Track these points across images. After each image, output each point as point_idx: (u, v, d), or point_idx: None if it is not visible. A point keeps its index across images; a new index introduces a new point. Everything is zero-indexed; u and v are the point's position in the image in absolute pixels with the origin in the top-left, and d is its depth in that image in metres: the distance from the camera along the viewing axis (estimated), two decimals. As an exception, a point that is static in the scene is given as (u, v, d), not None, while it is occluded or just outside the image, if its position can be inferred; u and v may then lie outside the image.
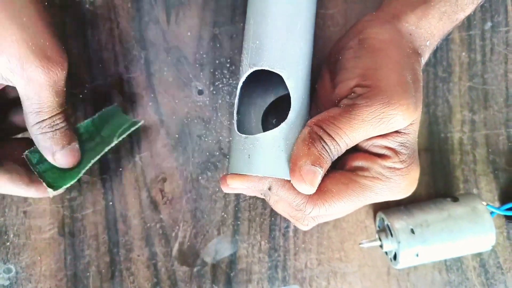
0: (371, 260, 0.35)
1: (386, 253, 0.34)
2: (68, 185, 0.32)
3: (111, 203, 0.36)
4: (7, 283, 0.35)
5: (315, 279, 0.35)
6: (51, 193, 0.32)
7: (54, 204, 0.36)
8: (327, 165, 0.28)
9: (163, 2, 0.36)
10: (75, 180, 0.32)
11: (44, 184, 0.31)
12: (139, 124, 0.34)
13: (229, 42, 0.36)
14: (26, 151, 0.31)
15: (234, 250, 0.35)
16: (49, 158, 0.31)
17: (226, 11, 0.36)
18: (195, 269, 0.35)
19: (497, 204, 0.35)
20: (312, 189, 0.27)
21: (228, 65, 0.36)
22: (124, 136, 0.33)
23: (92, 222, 0.35)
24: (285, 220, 0.36)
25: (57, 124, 0.30)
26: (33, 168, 0.32)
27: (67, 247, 0.35)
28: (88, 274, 0.35)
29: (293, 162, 0.28)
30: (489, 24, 0.37)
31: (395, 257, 0.33)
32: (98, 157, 0.32)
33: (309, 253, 0.35)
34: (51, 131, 0.30)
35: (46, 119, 0.29)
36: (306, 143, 0.28)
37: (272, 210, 0.36)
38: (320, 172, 0.27)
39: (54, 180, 0.32)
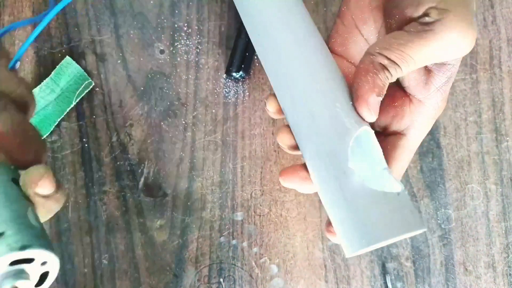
0: (306, 191, 0.42)
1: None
2: (46, 134, 0.40)
3: (86, 145, 0.42)
4: (-1, 213, 0.42)
5: (259, 207, 0.42)
6: None
7: (38, 146, 0.42)
8: (384, 92, 0.28)
9: (129, -25, 0.43)
10: (50, 130, 0.41)
11: None
12: (91, 86, 0.42)
13: (186, 8, 0.43)
14: None
15: (191, 183, 0.42)
16: None
17: (183, -18, 0.43)
18: (158, 199, 0.42)
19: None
20: (376, 116, 0.28)
21: (185, 28, 0.43)
22: (81, 97, 0.42)
23: (70, 161, 0.42)
24: (235, 158, 0.42)
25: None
26: None
27: (49, 182, 0.42)
28: (67, 204, 0.42)
29: (358, 94, 0.27)
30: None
31: None
32: (62, 115, 0.41)
33: (254, 185, 0.42)
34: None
35: None
36: (370, 74, 0.27)
37: (223, 149, 0.42)
38: (379, 101, 0.27)
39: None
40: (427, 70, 0.29)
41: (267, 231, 0.42)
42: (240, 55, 0.42)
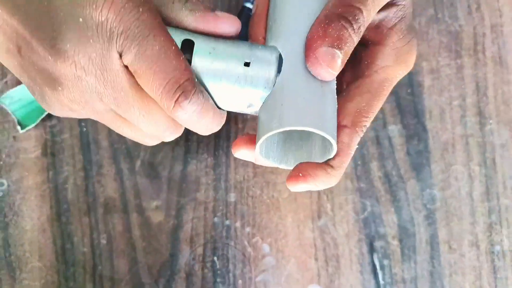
0: (296, 172, 0.44)
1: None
2: (32, 125, 0.43)
3: (85, 128, 0.44)
4: (0, 194, 0.43)
5: (251, 188, 0.43)
6: (20, 130, 0.41)
7: (37, 130, 0.44)
8: (348, 47, 0.26)
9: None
10: (38, 121, 0.43)
11: (16, 122, 0.41)
12: None
13: None
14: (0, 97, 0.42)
15: (186, 166, 0.44)
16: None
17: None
18: (153, 182, 0.43)
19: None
20: (333, 74, 0.26)
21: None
22: None
23: (69, 144, 0.44)
24: (228, 141, 0.44)
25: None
26: (7, 108, 0.41)
27: (49, 165, 0.43)
28: (66, 186, 0.43)
29: (307, 47, 0.26)
30: None
31: None
32: None
33: (247, 167, 0.44)
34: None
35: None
36: (322, 25, 0.27)
37: (216, 132, 0.44)
38: (338, 55, 0.26)
39: (22, 119, 0.42)
40: (380, 12, 0.29)
41: (259, 212, 0.43)
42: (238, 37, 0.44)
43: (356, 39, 0.27)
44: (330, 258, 0.43)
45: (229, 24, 0.27)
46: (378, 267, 0.42)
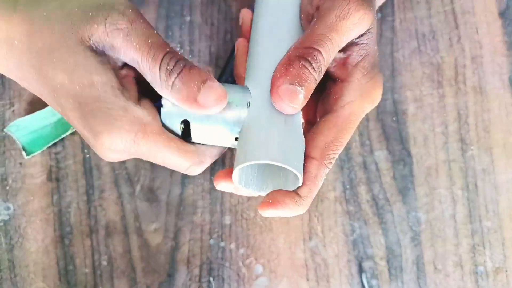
0: (288, 196, 0.46)
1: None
2: (37, 153, 0.45)
3: (87, 155, 0.46)
4: (6, 218, 0.45)
5: (245, 211, 0.46)
6: (25, 156, 0.44)
7: (43, 157, 0.46)
8: (309, 84, 0.29)
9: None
10: (44, 148, 0.45)
11: (21, 148, 0.44)
12: None
13: (179, 30, 0.47)
14: (7, 126, 0.44)
15: (183, 190, 0.46)
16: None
17: (176, 7, 0.47)
18: (153, 205, 0.46)
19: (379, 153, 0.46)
20: (295, 108, 0.29)
21: (178, 49, 0.47)
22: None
23: (73, 170, 0.46)
24: (223, 166, 0.46)
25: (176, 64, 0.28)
26: (13, 135, 0.44)
27: (53, 189, 0.46)
28: (70, 209, 0.45)
29: (272, 85, 0.29)
30: (379, 14, 0.48)
31: None
32: (56, 140, 0.46)
33: (241, 191, 0.46)
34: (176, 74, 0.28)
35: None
36: (284, 65, 0.29)
37: (212, 159, 0.46)
38: (300, 91, 0.28)
39: (27, 146, 0.44)
40: (344, 52, 0.32)
41: (253, 234, 0.45)
42: (229, 73, 0.46)
43: (317, 77, 0.29)
44: (321, 278, 0.45)
45: (213, 104, 0.29)
46: (367, 287, 0.44)
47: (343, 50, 0.32)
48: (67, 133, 0.46)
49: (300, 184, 0.30)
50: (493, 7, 0.47)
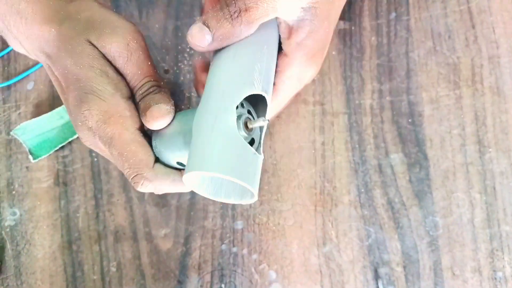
0: (301, 200, 0.45)
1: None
2: (44, 156, 0.43)
3: (95, 159, 0.45)
4: (13, 223, 0.44)
5: (258, 216, 0.45)
6: (31, 160, 0.43)
7: (50, 160, 0.45)
8: (220, 26, 0.32)
9: (136, 1, 0.46)
10: (51, 152, 0.44)
11: (27, 152, 0.43)
12: None
13: (189, 31, 0.46)
14: (13, 129, 0.43)
15: (193, 194, 0.45)
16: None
17: (186, 7, 0.46)
18: (162, 210, 0.45)
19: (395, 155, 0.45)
20: (198, 47, 0.32)
21: (188, 50, 0.46)
22: None
23: (80, 174, 0.45)
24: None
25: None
26: (19, 139, 0.43)
27: (61, 194, 0.45)
28: (78, 215, 0.44)
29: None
30: (393, 14, 0.47)
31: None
32: (63, 143, 0.44)
33: (253, 195, 0.45)
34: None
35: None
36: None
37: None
38: (208, 32, 0.32)
39: (34, 150, 0.43)
40: (289, 27, 0.33)
41: (265, 239, 0.44)
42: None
43: (232, 23, 0.32)
44: (336, 285, 0.43)
45: (160, 122, 0.33)
46: (382, 293, 0.43)
47: (289, 23, 0.33)
48: (75, 136, 0.45)
49: (254, 195, 0.30)
50: (509, 6, 0.46)
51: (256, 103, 0.34)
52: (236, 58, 0.32)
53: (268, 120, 0.31)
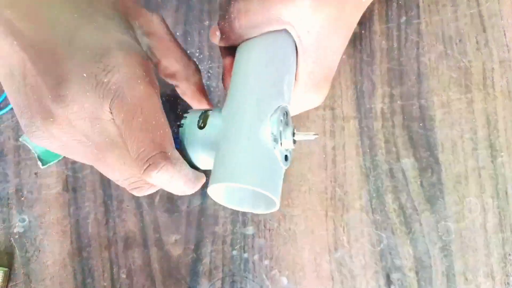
0: (312, 206, 0.45)
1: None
2: (53, 162, 0.43)
3: (105, 164, 0.45)
4: (22, 230, 0.44)
5: (268, 221, 0.44)
6: (41, 166, 0.43)
7: (59, 166, 0.45)
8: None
9: (144, 6, 0.45)
10: (59, 159, 0.44)
11: (36, 158, 0.42)
12: None
13: (198, 36, 0.46)
14: (22, 135, 0.43)
15: (204, 200, 0.44)
16: None
17: (195, 12, 0.46)
18: (173, 216, 0.44)
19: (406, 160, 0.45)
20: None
21: (197, 54, 0.46)
22: None
23: (90, 180, 0.44)
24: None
25: None
26: (28, 145, 0.43)
27: (70, 200, 0.44)
28: (88, 221, 0.44)
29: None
30: (404, 18, 0.46)
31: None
32: None
33: (264, 201, 0.44)
34: None
35: None
36: None
37: (233, 167, 0.45)
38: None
39: (43, 156, 0.43)
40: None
41: (276, 245, 0.44)
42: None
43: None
44: (348, 291, 0.43)
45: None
46: (395, 299, 0.43)
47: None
48: None
49: (276, 204, 0.30)
50: (520, 9, 0.46)
51: None
52: (269, 65, 0.31)
53: (318, 134, 0.31)
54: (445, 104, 0.45)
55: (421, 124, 0.45)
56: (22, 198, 0.44)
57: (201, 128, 0.32)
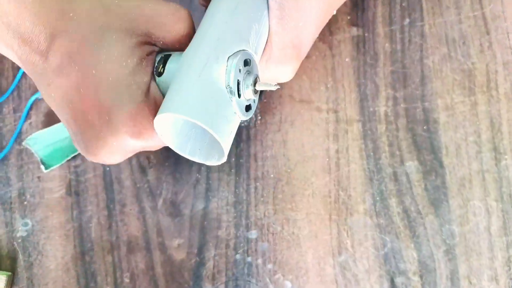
0: (316, 209, 0.44)
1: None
2: (56, 166, 0.43)
3: (108, 168, 0.45)
4: (24, 234, 0.44)
5: (272, 225, 0.44)
6: (43, 170, 0.42)
7: (62, 170, 0.45)
8: None
9: None
10: (61, 162, 0.44)
11: (39, 161, 0.42)
12: None
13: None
14: (25, 139, 0.43)
15: (207, 204, 0.44)
16: None
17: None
18: (176, 219, 0.44)
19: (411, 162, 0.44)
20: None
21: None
22: None
23: (93, 183, 0.44)
24: (248, 179, 0.45)
25: None
26: (31, 149, 0.43)
27: (73, 204, 0.44)
28: (90, 225, 0.44)
29: None
30: (407, 20, 0.46)
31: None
32: (76, 152, 0.44)
33: (267, 204, 0.44)
34: None
35: None
36: None
37: (237, 170, 0.45)
38: None
39: (46, 160, 0.42)
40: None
41: (280, 249, 0.44)
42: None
43: None
44: (351, 294, 0.43)
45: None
46: (399, 302, 0.43)
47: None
48: None
49: (224, 154, 0.29)
50: (524, 11, 0.46)
51: None
52: (236, 12, 0.31)
53: (279, 86, 0.30)
54: (449, 106, 0.45)
55: (425, 127, 0.45)
56: (25, 202, 0.44)
57: (160, 75, 0.31)
